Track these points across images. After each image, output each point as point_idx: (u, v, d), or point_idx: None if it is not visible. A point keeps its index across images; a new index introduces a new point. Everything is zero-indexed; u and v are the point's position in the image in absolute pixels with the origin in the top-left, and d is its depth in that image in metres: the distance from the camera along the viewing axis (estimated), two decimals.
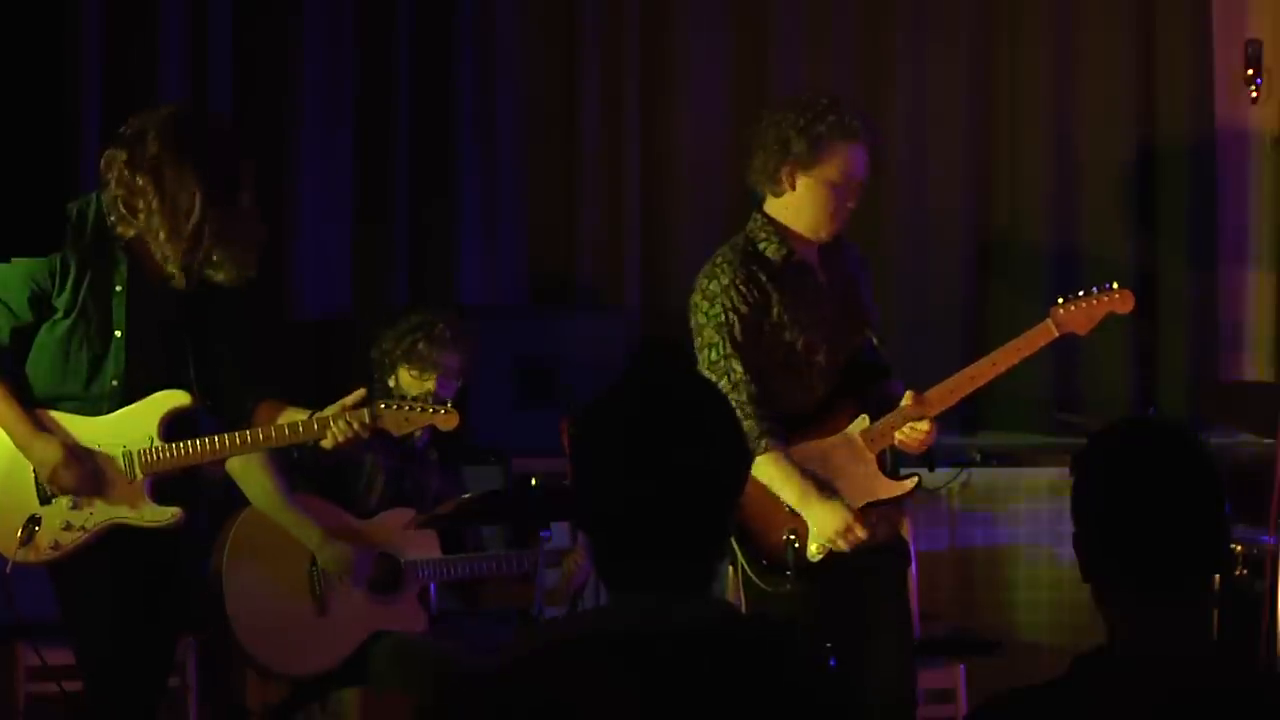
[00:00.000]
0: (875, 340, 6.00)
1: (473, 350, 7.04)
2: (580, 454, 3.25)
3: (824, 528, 5.73)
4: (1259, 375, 8.87)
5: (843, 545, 5.73)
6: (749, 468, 3.37)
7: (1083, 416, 8.41)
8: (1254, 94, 8.36)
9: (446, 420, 6.20)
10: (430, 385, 6.78)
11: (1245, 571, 7.08)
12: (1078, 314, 6.01)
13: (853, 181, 5.80)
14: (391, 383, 6.87)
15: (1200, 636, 3.50)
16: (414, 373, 6.83)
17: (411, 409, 6.12)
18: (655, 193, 9.33)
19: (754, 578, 5.82)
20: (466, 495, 6.93)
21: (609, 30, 9.33)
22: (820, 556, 5.79)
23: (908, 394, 5.79)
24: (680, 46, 9.31)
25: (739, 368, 5.75)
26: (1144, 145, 9.20)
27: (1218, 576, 6.57)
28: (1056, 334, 6.00)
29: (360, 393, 5.91)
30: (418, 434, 6.61)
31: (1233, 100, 9.14)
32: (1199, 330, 9.11)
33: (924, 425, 5.79)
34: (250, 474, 6.62)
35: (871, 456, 5.89)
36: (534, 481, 7.47)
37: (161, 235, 5.53)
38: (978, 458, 8.04)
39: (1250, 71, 8.25)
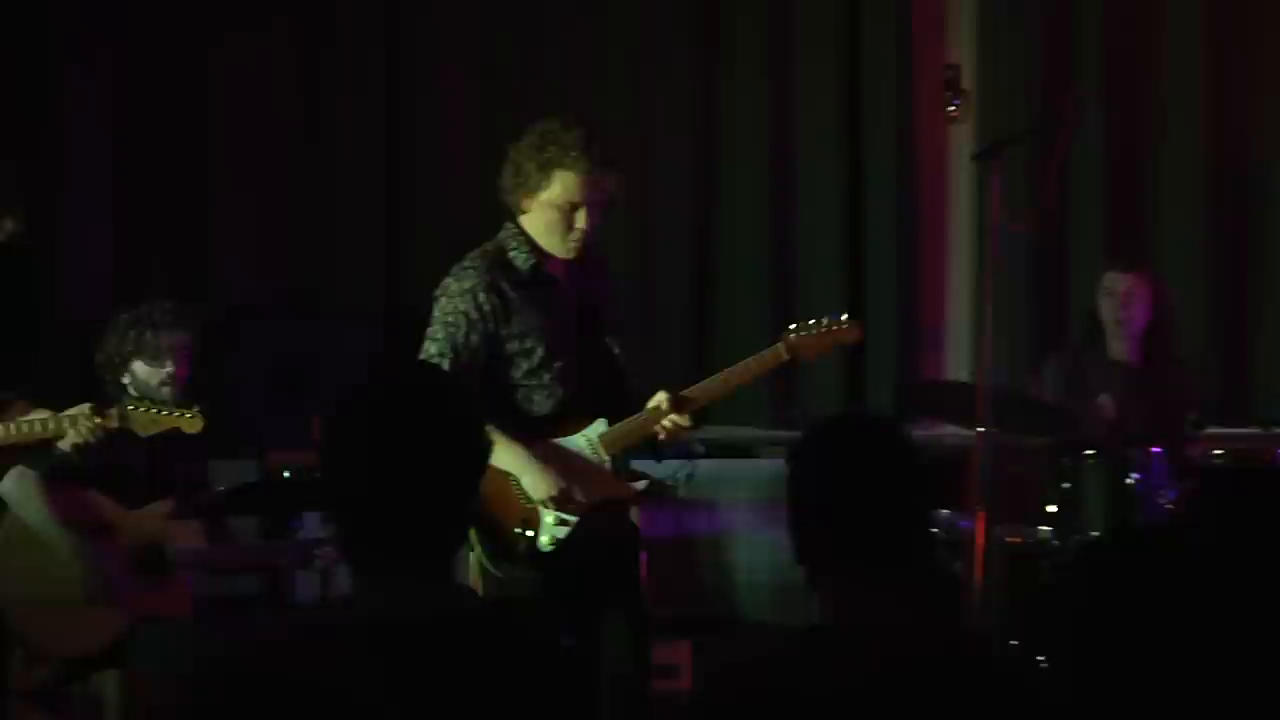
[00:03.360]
0: (616, 350, 5.99)
1: (200, 328, 6.85)
2: (328, 446, 3.24)
3: (537, 491, 5.76)
4: (957, 374, 9.04)
5: (553, 508, 5.77)
6: (486, 460, 3.36)
7: (798, 412, 8.55)
8: (953, 114, 8.56)
9: (192, 424, 6.18)
10: (169, 369, 6.62)
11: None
12: (809, 341, 6.06)
13: (575, 207, 5.76)
14: (127, 379, 6.66)
15: (903, 611, 3.58)
16: (148, 362, 6.63)
17: (160, 411, 6.08)
18: (405, 201, 9.36)
19: (489, 566, 5.82)
20: (224, 487, 6.92)
21: (357, 38, 9.36)
22: (551, 546, 5.82)
23: (661, 394, 5.84)
24: (429, 55, 9.33)
25: (445, 358, 5.75)
26: (854, 159, 9.34)
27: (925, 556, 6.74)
28: (787, 358, 6.05)
29: (85, 407, 5.91)
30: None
31: (933, 119, 9.25)
32: (904, 332, 9.30)
33: (684, 420, 5.85)
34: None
35: (606, 457, 5.92)
36: (286, 474, 7.51)
37: None
38: (702, 450, 8.13)
39: (949, 94, 8.45)
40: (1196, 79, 9.24)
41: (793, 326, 6.11)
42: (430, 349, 5.82)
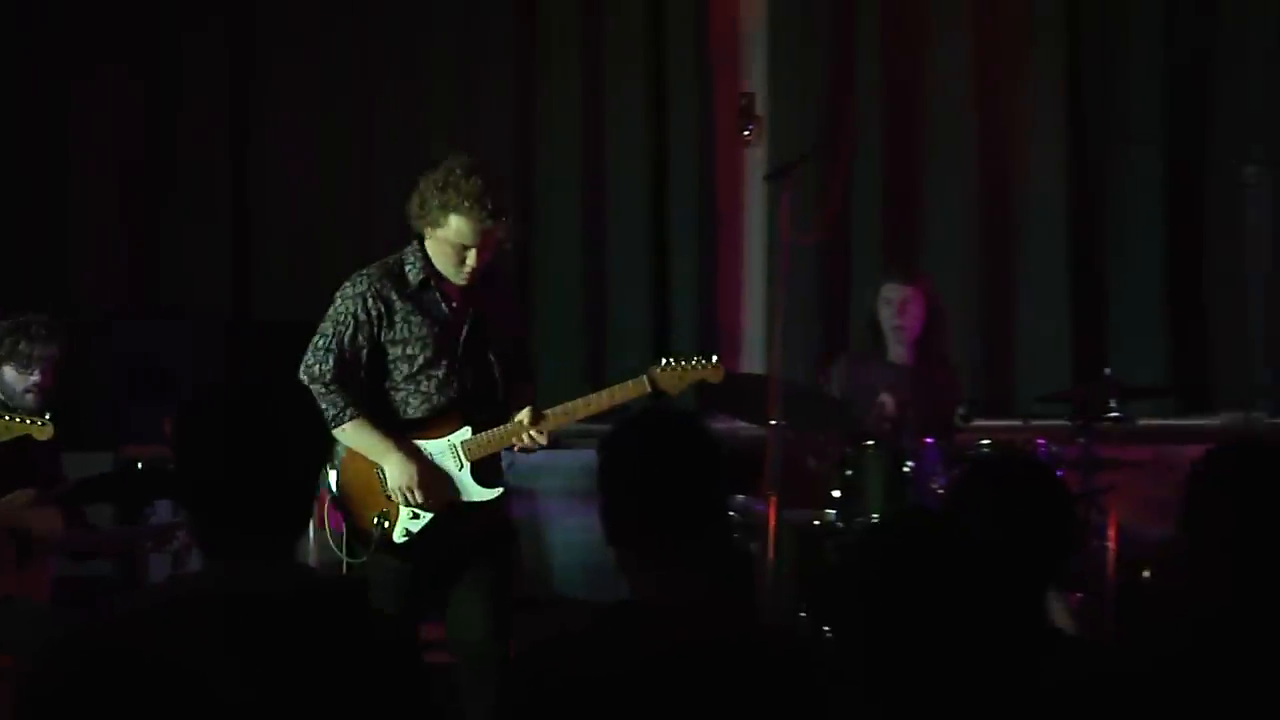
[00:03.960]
0: (498, 372, 5.89)
1: (69, 342, 6.71)
2: (183, 441, 3.23)
3: (394, 479, 5.72)
4: (752, 371, 9.07)
5: (403, 496, 5.72)
6: (323, 458, 3.44)
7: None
8: (747, 138, 8.62)
9: (42, 432, 6.09)
10: (36, 378, 6.48)
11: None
12: (672, 377, 5.99)
13: (466, 248, 5.68)
14: None
15: (702, 587, 3.56)
16: (18, 369, 6.49)
17: (11, 419, 6.04)
18: (256, 213, 9.29)
19: (336, 549, 5.78)
20: (81, 476, 6.84)
21: (208, 57, 9.27)
22: (404, 538, 5.78)
23: (525, 410, 5.78)
24: (280, 73, 9.26)
25: (331, 360, 5.72)
26: (660, 179, 9.37)
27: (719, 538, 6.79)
28: (648, 390, 5.99)
29: None
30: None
31: (729, 143, 9.28)
32: (704, 335, 9.29)
33: (541, 438, 5.80)
34: None
35: (467, 462, 5.83)
36: (139, 465, 7.44)
37: None
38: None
39: (743, 120, 8.50)
40: (964, 106, 9.37)
41: (662, 362, 6.06)
42: (319, 342, 5.77)
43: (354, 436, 5.75)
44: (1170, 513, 6.41)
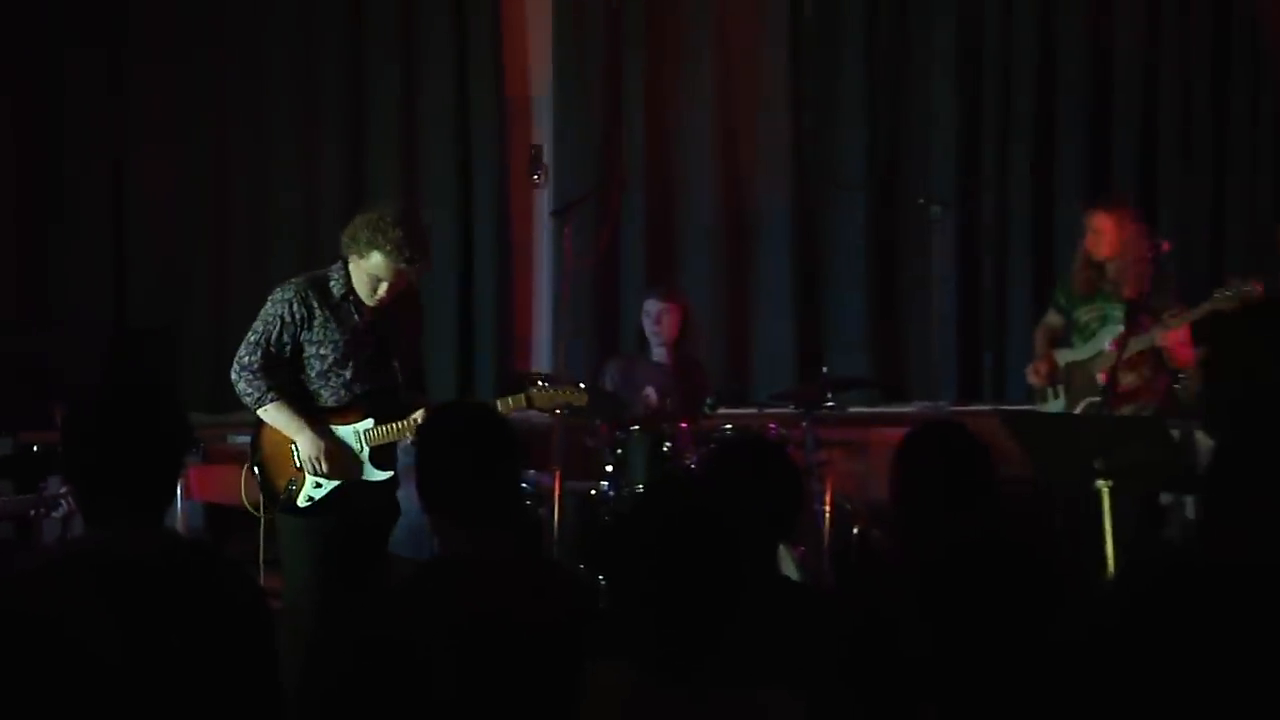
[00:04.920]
0: (399, 378, 5.83)
1: None
2: (69, 428, 3.29)
3: (304, 451, 5.68)
4: (541, 370, 9.03)
5: (311, 466, 5.68)
6: (185, 446, 3.40)
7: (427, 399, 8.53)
8: (536, 182, 8.67)
9: None
10: None
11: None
12: (545, 397, 6.03)
13: (380, 281, 5.65)
14: None
15: (501, 546, 3.62)
16: None
17: None
18: (131, 234, 9.12)
19: (252, 507, 5.78)
20: None
21: (86, 85, 9.04)
22: (307, 503, 5.73)
23: (421, 410, 5.71)
24: (149, 106, 9.08)
25: (259, 353, 5.67)
26: (466, 217, 9.29)
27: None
28: (525, 406, 6.01)
29: None
30: None
31: (522, 186, 9.33)
32: (502, 341, 9.24)
33: None
34: None
35: (368, 447, 5.78)
36: (34, 448, 7.33)
37: None
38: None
39: (533, 167, 8.56)
40: (710, 155, 9.42)
41: (539, 383, 6.13)
42: (250, 338, 5.73)
43: (274, 415, 5.73)
44: (873, 482, 6.57)
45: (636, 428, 7.44)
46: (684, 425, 7.45)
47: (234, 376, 5.74)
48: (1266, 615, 1.87)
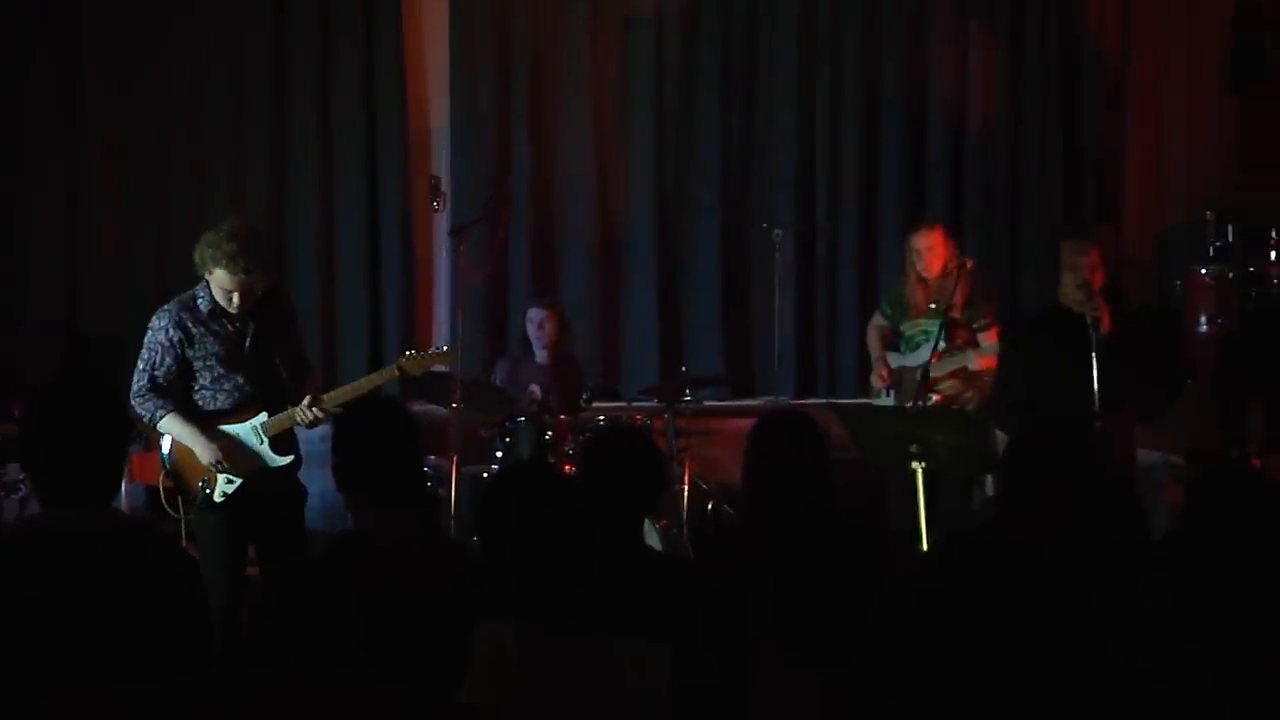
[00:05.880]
0: (283, 370, 5.72)
1: None
2: (26, 420, 3.27)
3: (202, 456, 5.58)
4: (440, 370, 9.00)
5: (215, 468, 5.58)
6: (128, 437, 3.38)
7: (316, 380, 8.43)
8: (436, 207, 8.63)
9: None
10: None
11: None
12: (414, 363, 5.92)
13: (226, 290, 5.53)
14: None
15: (405, 523, 3.65)
16: None
17: None
18: (84, 249, 8.93)
19: (169, 509, 5.65)
20: None
21: (44, 103, 8.81)
22: (221, 498, 5.63)
23: (307, 397, 5.64)
24: (105, 122, 8.89)
25: (145, 379, 5.57)
26: (374, 237, 9.22)
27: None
28: (397, 375, 5.92)
29: None
30: None
31: (423, 209, 9.26)
32: (406, 343, 8.95)
33: (321, 415, 5.63)
34: None
35: (266, 438, 5.66)
36: None
37: None
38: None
39: (433, 193, 8.51)
40: (585, 182, 9.43)
41: (407, 353, 6.02)
42: (139, 365, 5.61)
43: (169, 427, 5.62)
44: (725, 465, 6.60)
45: (523, 419, 7.43)
46: (563, 417, 7.46)
47: (132, 403, 5.58)
48: (1053, 585, 1.90)
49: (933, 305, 7.26)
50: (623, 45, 9.40)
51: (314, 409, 5.67)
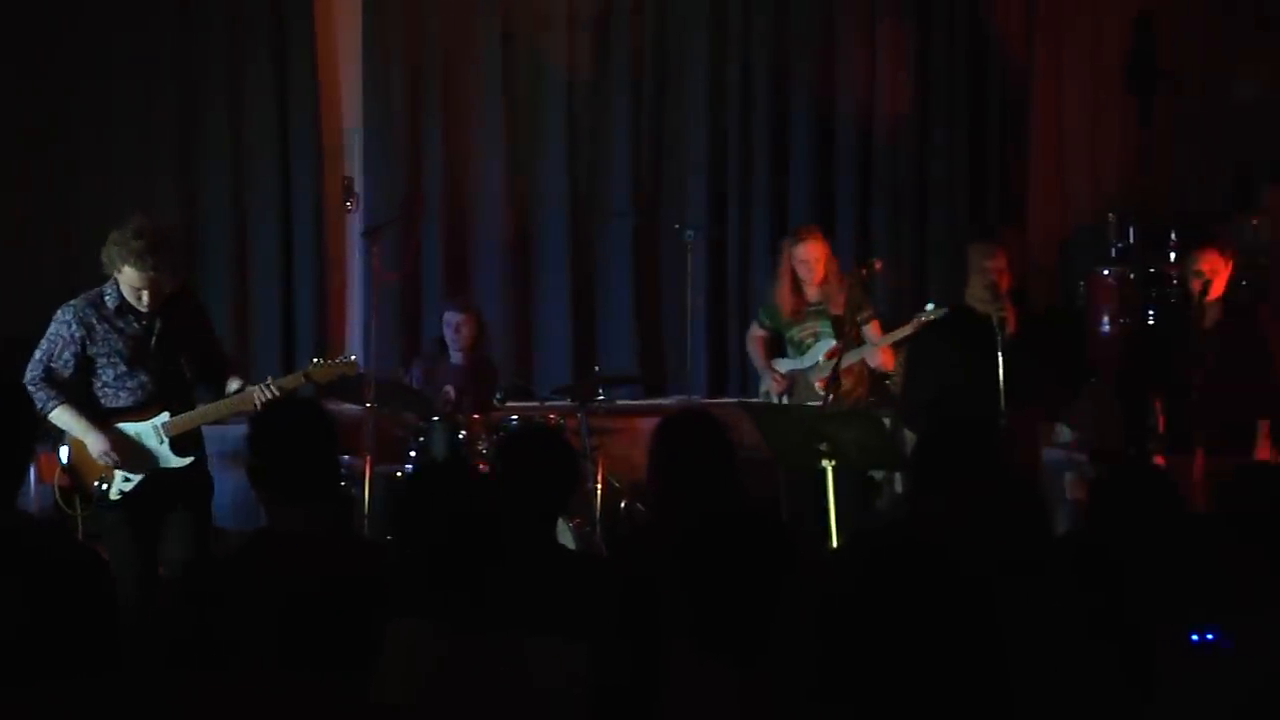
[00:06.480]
0: (189, 371, 5.68)
1: None
2: None
3: (93, 449, 5.52)
4: None
5: (105, 461, 5.52)
6: (31, 438, 3.34)
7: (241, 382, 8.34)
8: (349, 208, 8.57)
9: None
10: None
11: None
12: (320, 371, 5.87)
13: (136, 288, 5.47)
14: None
15: (319, 521, 3.63)
16: None
17: None
18: None
19: (64, 506, 5.58)
20: None
21: None
22: (118, 496, 5.58)
23: (236, 384, 5.62)
24: (8, 126, 8.74)
25: (40, 368, 5.51)
26: (288, 237, 9.11)
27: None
28: (304, 382, 5.84)
29: None
30: None
31: (337, 210, 9.10)
32: (320, 342, 8.99)
33: (279, 393, 5.57)
34: None
35: (167, 438, 5.60)
36: None
37: None
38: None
39: (346, 195, 8.46)
40: (499, 186, 9.41)
41: (314, 360, 5.98)
42: (36, 355, 5.57)
43: (59, 419, 5.56)
44: (638, 464, 6.59)
45: (437, 419, 7.42)
46: (477, 417, 7.46)
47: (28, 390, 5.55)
48: (960, 583, 1.92)
49: (814, 306, 7.30)
50: (535, 47, 9.39)
51: (270, 387, 5.62)
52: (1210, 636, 3.02)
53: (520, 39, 9.38)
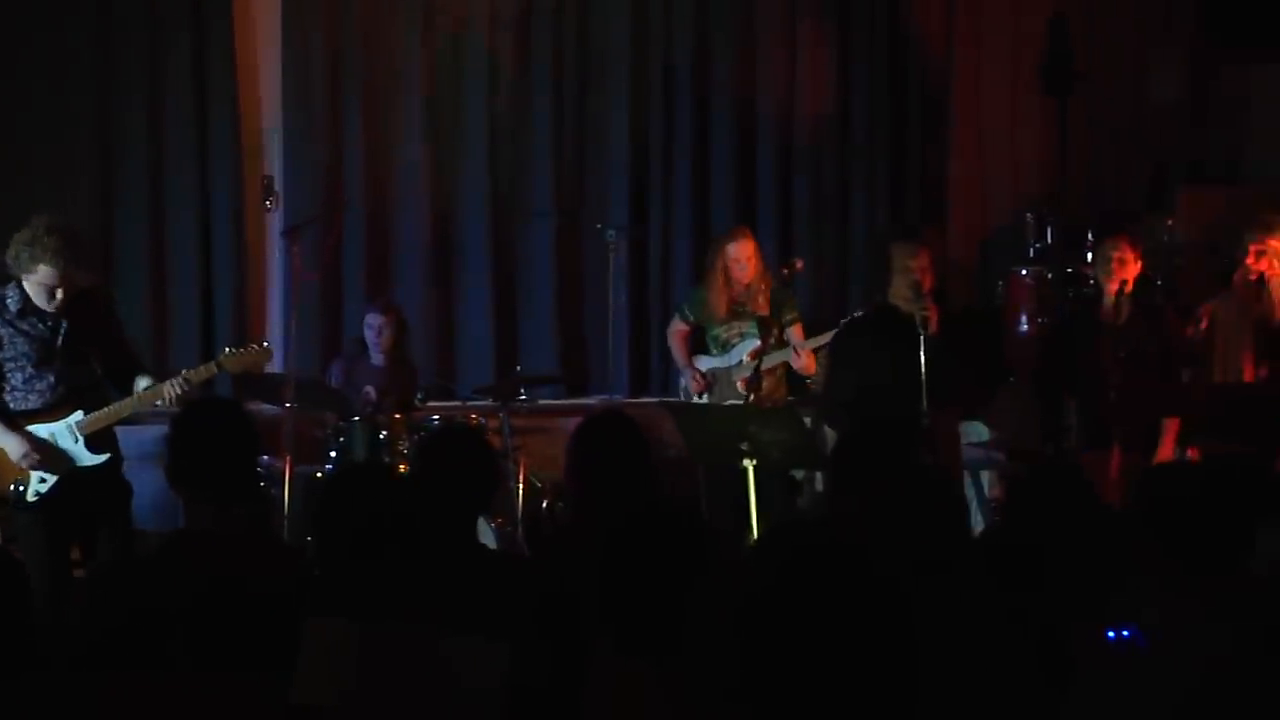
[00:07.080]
0: (99, 369, 5.61)
1: None
2: None
3: (12, 453, 5.46)
4: (273, 370, 8.93)
5: (25, 464, 5.45)
6: None
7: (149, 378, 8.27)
8: (269, 207, 8.52)
9: None
10: None
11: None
12: (233, 360, 5.80)
13: (52, 290, 5.41)
14: None
15: (237, 522, 3.64)
16: None
17: None
18: None
19: None
20: None
21: None
22: (35, 498, 5.50)
23: (143, 382, 5.54)
24: None
25: None
26: (206, 236, 9.04)
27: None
28: (217, 371, 5.78)
29: None
30: None
31: (256, 210, 9.08)
32: (238, 341, 8.95)
33: (188, 389, 5.50)
34: None
35: (81, 436, 5.52)
36: None
37: None
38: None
39: (265, 194, 8.40)
40: (421, 187, 9.39)
41: (226, 349, 5.92)
42: None
43: None
44: (561, 463, 6.59)
45: (357, 419, 7.40)
46: (397, 417, 7.43)
47: None
48: (877, 581, 1.94)
49: (741, 305, 7.34)
50: (455, 46, 9.37)
51: (181, 381, 5.56)
52: (1126, 634, 3.06)
53: (441, 39, 9.36)
